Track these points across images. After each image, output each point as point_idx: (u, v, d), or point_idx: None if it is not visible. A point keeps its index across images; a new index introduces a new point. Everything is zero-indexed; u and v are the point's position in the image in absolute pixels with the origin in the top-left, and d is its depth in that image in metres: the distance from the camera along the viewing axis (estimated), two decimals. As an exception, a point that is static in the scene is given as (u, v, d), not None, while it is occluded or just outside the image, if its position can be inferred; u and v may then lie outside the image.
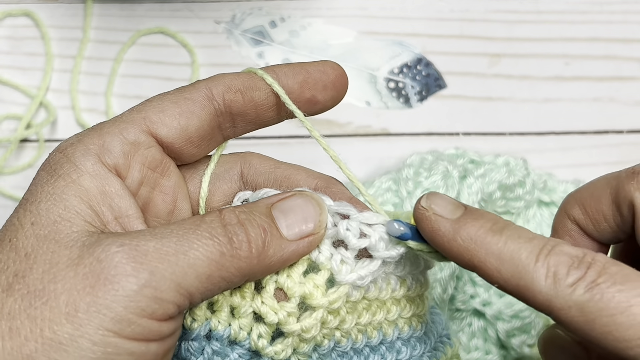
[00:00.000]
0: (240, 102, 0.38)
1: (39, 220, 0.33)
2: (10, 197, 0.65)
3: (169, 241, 0.32)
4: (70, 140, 0.36)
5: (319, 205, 0.36)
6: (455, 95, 0.66)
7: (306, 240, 0.35)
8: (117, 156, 0.35)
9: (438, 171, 0.55)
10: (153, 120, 0.36)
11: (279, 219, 0.35)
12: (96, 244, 0.31)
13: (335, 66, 0.40)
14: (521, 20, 0.67)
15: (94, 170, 0.34)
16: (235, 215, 0.34)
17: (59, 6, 0.67)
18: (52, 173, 0.34)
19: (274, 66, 0.39)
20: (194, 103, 0.37)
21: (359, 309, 0.38)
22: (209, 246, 0.32)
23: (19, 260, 0.32)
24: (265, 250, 0.34)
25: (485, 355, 0.56)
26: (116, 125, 0.36)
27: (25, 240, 0.32)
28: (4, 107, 0.66)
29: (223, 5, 0.67)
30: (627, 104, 0.66)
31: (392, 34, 0.67)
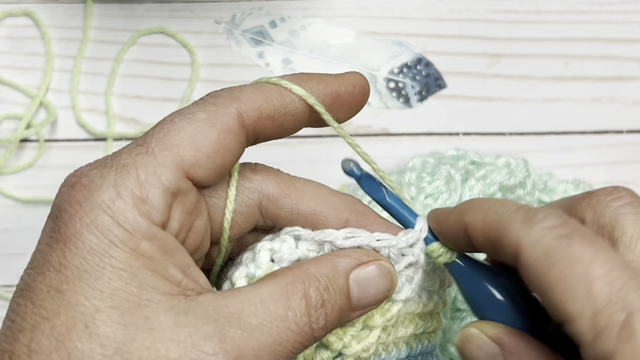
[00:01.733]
0: (270, 129, 0.36)
1: (118, 304, 0.30)
2: (10, 197, 0.65)
3: (264, 341, 0.31)
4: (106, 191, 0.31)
5: (393, 281, 0.36)
6: (455, 95, 0.66)
7: (366, 310, 0.36)
8: (162, 212, 0.32)
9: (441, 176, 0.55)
10: (190, 163, 0.33)
11: (353, 289, 0.35)
12: (196, 346, 0.30)
13: (364, 84, 0.38)
14: (521, 20, 0.67)
15: (149, 234, 0.31)
16: (319, 295, 0.33)
17: (59, 6, 0.67)
18: (104, 241, 0.31)
19: (307, 79, 0.37)
20: (228, 137, 0.34)
21: (398, 322, 0.39)
22: (296, 343, 0.32)
23: (109, 356, 0.29)
24: (334, 328, 0.34)
25: (485, 356, 0.56)
26: (152, 170, 0.32)
27: (110, 330, 0.30)
28: (4, 107, 0.66)
29: (223, 5, 0.67)
30: (627, 104, 0.66)
31: (392, 34, 0.67)
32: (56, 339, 0.29)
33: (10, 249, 0.65)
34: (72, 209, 0.31)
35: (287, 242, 0.36)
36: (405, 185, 0.56)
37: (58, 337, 0.29)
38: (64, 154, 0.66)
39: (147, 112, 0.66)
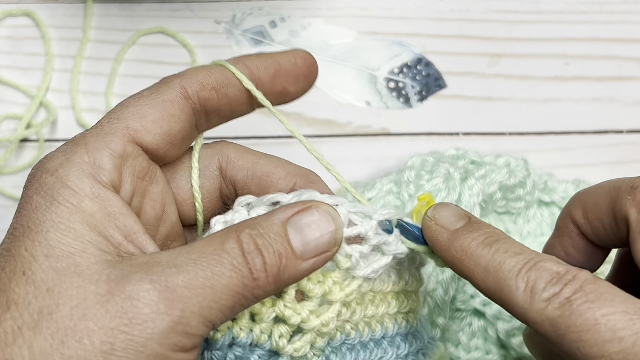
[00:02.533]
0: (215, 99, 0.38)
1: (52, 252, 0.32)
2: (10, 197, 0.65)
3: (196, 275, 0.32)
4: (57, 158, 0.35)
5: (335, 221, 0.36)
6: (455, 95, 0.66)
7: (320, 258, 0.35)
8: (110, 172, 0.35)
9: (440, 174, 0.55)
10: (136, 129, 0.36)
11: (293, 236, 0.35)
12: (125, 280, 0.31)
13: (306, 56, 0.40)
14: (521, 20, 0.67)
15: (92, 192, 0.34)
16: (252, 240, 0.33)
17: (59, 6, 0.67)
18: (48, 198, 0.33)
19: (244, 57, 0.39)
20: (172, 105, 0.37)
21: (366, 300, 0.39)
22: (232, 279, 0.32)
23: (40, 296, 0.31)
24: (281, 275, 0.34)
25: (485, 355, 0.56)
26: (101, 138, 0.35)
27: (43, 274, 0.32)
28: (4, 107, 0.66)
29: (223, 5, 0.67)
30: (627, 104, 0.66)
31: (392, 34, 0.67)
32: (0, 289, 0.32)
33: (10, 248, 0.65)
34: (28, 182, 0.35)
35: (240, 212, 0.37)
36: (404, 184, 0.56)
37: (1, 287, 0.32)
38: (64, 154, 0.66)
39: (147, 112, 0.66)
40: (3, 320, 0.31)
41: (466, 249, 0.36)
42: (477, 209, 0.54)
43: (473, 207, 0.54)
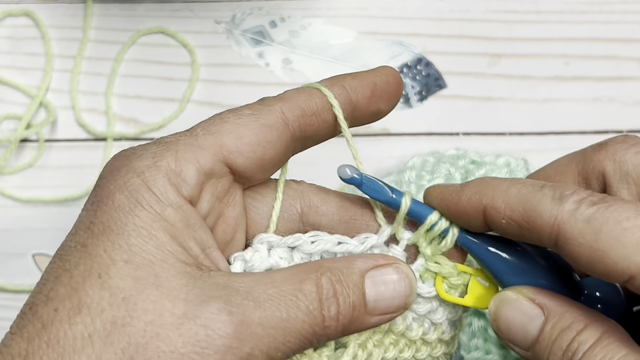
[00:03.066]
0: (315, 125, 0.37)
1: (132, 258, 0.31)
2: (10, 197, 0.65)
3: (272, 314, 0.31)
4: (145, 159, 0.33)
5: (411, 286, 0.36)
6: (455, 95, 0.66)
7: (386, 317, 0.35)
8: (192, 187, 0.34)
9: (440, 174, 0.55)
10: (230, 149, 0.35)
11: (369, 290, 0.34)
12: (203, 304, 0.31)
13: (396, 73, 0.39)
14: (521, 20, 0.67)
15: (176, 202, 0.33)
16: (332, 286, 0.33)
17: (59, 6, 0.67)
18: (132, 200, 0.32)
19: (342, 78, 0.38)
20: (271, 131, 0.35)
21: (386, 343, 0.38)
22: (305, 324, 0.32)
23: (115, 304, 0.30)
24: (349, 326, 0.34)
25: (485, 355, 0.56)
26: (192, 151, 0.34)
27: (121, 281, 0.31)
28: (4, 107, 0.66)
29: (223, 5, 0.67)
30: (627, 104, 0.66)
31: (392, 34, 0.67)
32: (72, 287, 0.31)
33: (10, 249, 0.65)
34: (110, 175, 0.33)
35: (260, 252, 0.36)
36: (405, 184, 0.56)
37: (74, 285, 0.31)
38: (64, 154, 0.66)
39: (147, 112, 0.66)
40: (73, 324, 0.30)
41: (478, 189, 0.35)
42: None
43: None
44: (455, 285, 0.38)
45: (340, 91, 0.37)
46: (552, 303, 0.35)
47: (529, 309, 0.35)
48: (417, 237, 0.37)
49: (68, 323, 0.30)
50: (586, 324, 0.34)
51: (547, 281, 0.37)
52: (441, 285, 0.37)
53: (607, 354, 0.32)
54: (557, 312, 0.35)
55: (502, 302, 0.36)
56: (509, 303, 0.36)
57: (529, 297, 0.35)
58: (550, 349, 0.34)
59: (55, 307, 0.31)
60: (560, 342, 0.34)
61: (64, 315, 0.30)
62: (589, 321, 0.34)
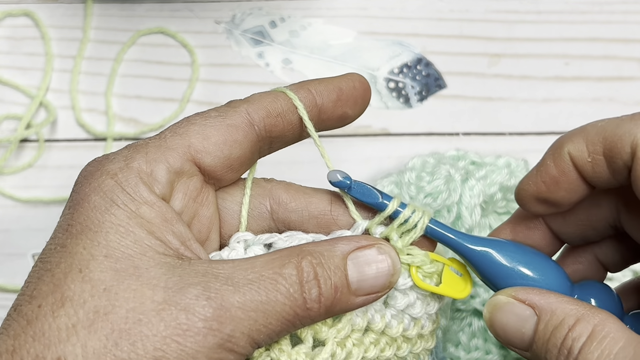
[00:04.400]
0: (281, 125, 0.38)
1: (112, 253, 0.32)
2: (10, 197, 0.65)
3: (251, 297, 0.32)
4: (117, 162, 0.35)
5: (395, 265, 0.36)
6: (455, 95, 0.66)
7: (370, 297, 0.36)
8: (164, 185, 0.35)
9: (441, 175, 0.55)
10: (197, 149, 0.36)
11: (351, 271, 0.35)
12: (182, 290, 0.32)
13: (363, 79, 0.40)
14: (521, 20, 0.67)
15: (149, 200, 0.34)
16: (312, 269, 0.34)
17: (59, 6, 0.67)
18: (107, 200, 0.34)
19: (308, 83, 0.39)
20: (237, 131, 0.37)
21: (366, 343, 0.38)
22: (285, 306, 0.33)
23: (97, 295, 0.32)
24: (332, 307, 0.34)
25: (485, 355, 0.56)
26: (161, 152, 0.35)
27: (101, 274, 0.32)
28: (4, 107, 0.66)
29: (223, 5, 0.67)
30: (627, 104, 0.66)
31: (392, 34, 0.67)
32: (54, 284, 0.32)
33: (10, 249, 0.65)
34: (84, 179, 0.35)
35: (236, 250, 0.37)
36: (405, 185, 0.56)
37: (56, 282, 0.32)
38: (64, 154, 0.66)
39: (147, 112, 0.66)
40: (57, 317, 0.31)
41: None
42: (478, 210, 0.54)
43: (474, 208, 0.54)
44: (430, 274, 0.38)
45: (306, 94, 0.38)
46: (543, 301, 0.35)
47: (521, 311, 0.36)
48: (390, 231, 0.38)
49: (52, 316, 0.31)
50: (577, 318, 0.34)
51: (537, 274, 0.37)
52: (416, 274, 0.37)
53: (604, 350, 0.32)
54: (548, 310, 0.35)
55: (495, 308, 0.37)
56: (501, 307, 0.36)
57: (519, 299, 0.36)
58: (546, 348, 0.34)
59: (39, 304, 0.32)
60: (554, 340, 0.34)
61: (47, 310, 0.31)
62: (580, 315, 0.34)
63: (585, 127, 0.36)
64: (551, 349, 0.34)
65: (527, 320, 0.35)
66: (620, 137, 0.34)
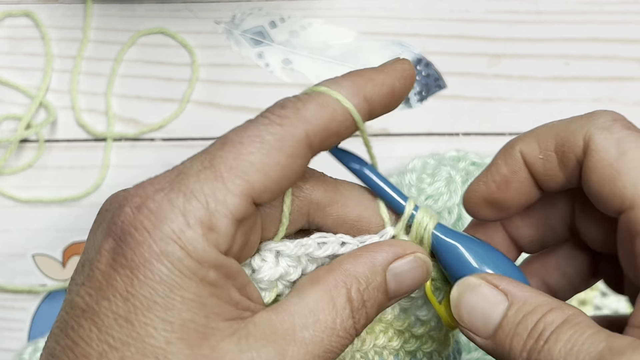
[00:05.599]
0: (334, 143, 0.35)
1: (187, 336, 0.30)
2: (10, 197, 0.65)
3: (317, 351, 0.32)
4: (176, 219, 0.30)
5: (428, 272, 0.36)
6: (455, 95, 0.66)
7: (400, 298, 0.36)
8: (229, 239, 0.32)
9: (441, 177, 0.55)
10: (260, 190, 0.32)
11: (390, 283, 0.35)
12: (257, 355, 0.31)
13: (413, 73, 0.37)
14: (521, 20, 0.67)
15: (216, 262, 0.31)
16: (360, 296, 0.34)
17: (59, 6, 0.67)
18: (175, 272, 0.30)
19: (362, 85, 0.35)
20: (295, 161, 0.33)
21: (376, 331, 0.38)
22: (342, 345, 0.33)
23: None
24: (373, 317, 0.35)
25: (485, 355, 0.56)
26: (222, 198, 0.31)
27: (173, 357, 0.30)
28: (4, 107, 0.66)
29: (223, 6, 0.67)
30: (627, 104, 0.66)
31: (392, 34, 0.67)
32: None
33: (10, 249, 0.65)
34: (140, 236, 0.30)
35: (267, 261, 0.36)
36: (406, 187, 0.56)
37: None
38: (64, 154, 0.66)
39: (147, 112, 0.66)
40: None
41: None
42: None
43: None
44: (438, 288, 0.38)
45: (362, 105, 0.34)
46: (516, 289, 0.34)
47: (492, 295, 0.35)
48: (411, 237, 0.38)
49: None
50: (552, 307, 0.33)
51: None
52: (430, 285, 0.38)
53: (575, 332, 0.31)
54: (521, 297, 0.34)
55: (465, 288, 0.36)
56: (472, 289, 0.35)
57: (492, 283, 0.35)
58: (514, 332, 0.33)
59: None
60: (525, 323, 0.33)
61: None
62: (555, 305, 0.33)
63: (537, 128, 0.36)
64: (520, 332, 0.33)
65: (496, 305, 0.34)
66: (573, 132, 0.34)
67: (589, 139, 0.33)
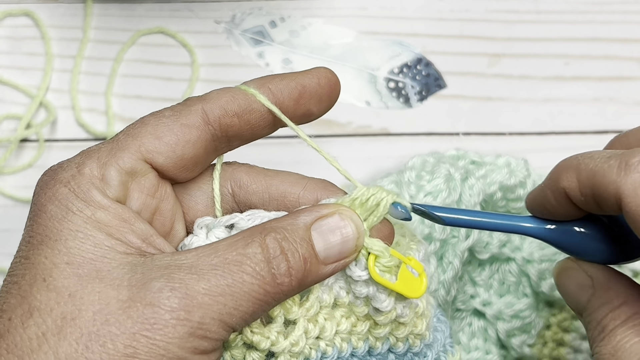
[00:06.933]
0: (237, 125, 0.38)
1: (73, 259, 0.33)
2: (10, 197, 0.65)
3: (217, 282, 0.32)
4: (70, 169, 0.35)
5: (358, 228, 0.36)
6: (455, 95, 0.66)
7: (340, 264, 0.36)
8: (116, 187, 0.35)
9: (440, 174, 0.55)
10: (149, 149, 0.36)
11: (317, 241, 0.35)
12: (146, 286, 0.32)
13: (330, 75, 0.39)
14: (521, 20, 0.67)
15: (104, 204, 0.34)
16: (277, 244, 0.34)
17: (59, 6, 0.67)
18: (63, 208, 0.34)
19: (267, 80, 0.39)
20: (190, 130, 0.37)
21: (337, 316, 0.38)
22: (254, 286, 0.33)
23: (63, 302, 0.32)
24: (304, 279, 0.34)
25: (485, 355, 0.56)
26: (113, 154, 0.36)
27: (65, 280, 0.32)
28: (4, 107, 0.66)
29: (223, 5, 0.67)
30: (627, 104, 0.66)
31: (392, 34, 0.67)
32: (21, 295, 0.33)
33: (10, 249, 0.64)
34: (40, 189, 0.35)
35: (198, 235, 0.37)
36: (405, 184, 0.56)
37: (22, 294, 0.33)
38: (64, 154, 0.65)
39: (147, 112, 0.66)
40: (27, 327, 0.32)
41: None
42: (478, 209, 0.54)
43: (474, 206, 0.54)
44: (388, 268, 0.37)
45: (266, 93, 0.38)
46: (601, 276, 0.39)
47: (582, 278, 0.39)
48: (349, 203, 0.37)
49: (22, 327, 0.32)
50: (623, 301, 0.37)
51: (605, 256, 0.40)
52: (373, 266, 0.37)
53: (628, 334, 0.36)
54: (604, 286, 0.38)
55: (561, 270, 0.40)
56: (566, 272, 0.40)
57: (583, 269, 0.39)
58: (590, 319, 0.38)
59: (9, 317, 0.32)
60: (597, 315, 0.37)
61: (17, 322, 0.32)
62: (627, 299, 0.37)
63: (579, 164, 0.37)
64: (593, 322, 0.37)
65: (584, 289, 0.39)
66: (606, 186, 0.35)
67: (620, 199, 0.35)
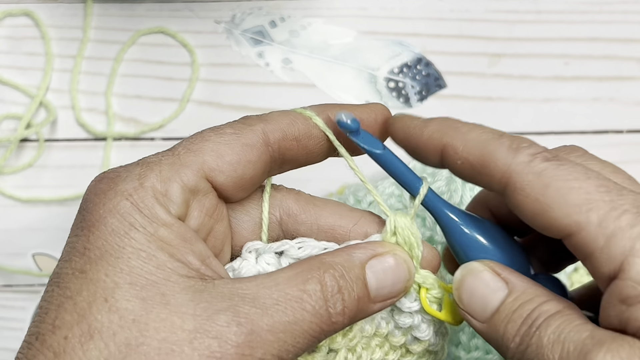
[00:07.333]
0: (295, 149, 0.37)
1: (137, 280, 0.32)
2: (10, 197, 0.65)
3: (279, 318, 0.32)
4: (131, 181, 0.34)
5: (410, 272, 0.36)
6: (455, 95, 0.66)
7: (387, 303, 0.36)
8: (179, 205, 0.34)
9: (442, 176, 0.55)
10: (212, 167, 0.35)
11: (370, 280, 0.35)
12: (211, 319, 0.31)
13: (385, 111, 0.40)
14: (521, 20, 0.67)
15: (167, 221, 0.33)
16: (335, 282, 0.34)
17: (59, 6, 0.67)
18: (125, 224, 0.33)
19: (327, 107, 0.39)
20: (252, 150, 0.36)
21: (372, 345, 0.38)
22: (312, 324, 0.33)
23: (127, 326, 0.31)
24: (355, 317, 0.35)
25: (485, 355, 0.56)
26: (175, 169, 0.35)
27: (128, 303, 0.31)
28: (4, 107, 0.66)
29: (223, 5, 0.67)
30: (627, 104, 0.66)
31: (392, 34, 0.67)
32: (78, 313, 0.31)
33: (10, 249, 0.65)
34: (97, 198, 0.34)
35: (248, 260, 0.37)
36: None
37: (80, 312, 0.31)
38: (64, 154, 0.66)
39: (147, 111, 0.66)
40: (87, 350, 0.30)
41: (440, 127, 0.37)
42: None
43: (473, 207, 0.54)
44: (436, 299, 0.38)
45: (324, 120, 0.38)
46: (516, 280, 0.36)
47: (494, 282, 0.36)
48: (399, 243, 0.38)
49: (81, 350, 0.30)
50: (548, 299, 0.35)
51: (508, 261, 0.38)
52: (425, 297, 0.38)
53: (564, 321, 0.33)
54: (521, 287, 0.36)
55: (469, 272, 0.37)
56: (475, 274, 0.37)
57: (494, 271, 0.36)
58: (509, 318, 0.35)
59: (65, 335, 0.31)
60: (521, 311, 0.35)
61: (75, 343, 0.30)
62: (551, 298, 0.35)
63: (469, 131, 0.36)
64: (515, 319, 0.35)
65: (496, 291, 0.36)
66: (496, 161, 0.35)
67: (509, 177, 0.34)
